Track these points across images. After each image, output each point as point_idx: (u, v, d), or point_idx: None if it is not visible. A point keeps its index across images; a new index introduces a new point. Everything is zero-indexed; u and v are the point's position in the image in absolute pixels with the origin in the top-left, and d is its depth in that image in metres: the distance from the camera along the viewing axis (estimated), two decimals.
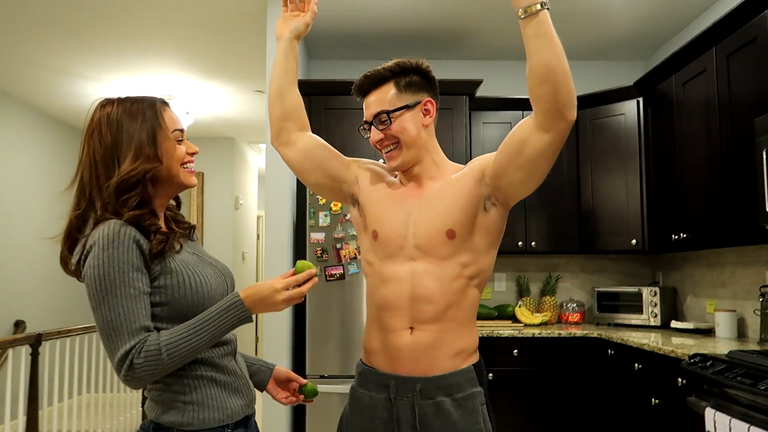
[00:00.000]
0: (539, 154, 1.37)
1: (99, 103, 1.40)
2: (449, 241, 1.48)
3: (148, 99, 1.40)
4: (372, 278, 1.58)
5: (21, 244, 5.43)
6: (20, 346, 3.66)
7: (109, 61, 4.52)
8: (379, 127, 1.55)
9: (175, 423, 1.28)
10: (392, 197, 1.59)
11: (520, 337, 3.59)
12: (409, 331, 1.50)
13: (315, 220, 3.45)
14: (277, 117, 1.66)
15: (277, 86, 1.66)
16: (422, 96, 1.56)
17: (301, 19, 1.66)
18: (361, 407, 1.55)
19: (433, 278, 1.49)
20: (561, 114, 1.31)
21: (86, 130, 1.36)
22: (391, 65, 1.56)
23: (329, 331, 3.40)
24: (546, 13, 1.28)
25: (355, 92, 1.62)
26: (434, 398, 1.46)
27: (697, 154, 3.14)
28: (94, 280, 1.22)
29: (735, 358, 2.26)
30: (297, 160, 1.66)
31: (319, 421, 3.33)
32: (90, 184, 1.33)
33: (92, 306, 1.24)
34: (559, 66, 1.27)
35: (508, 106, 3.98)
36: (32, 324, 5.41)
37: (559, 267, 4.38)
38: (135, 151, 1.31)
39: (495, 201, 1.50)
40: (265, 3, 3.61)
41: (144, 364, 1.19)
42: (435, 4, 3.66)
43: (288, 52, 1.66)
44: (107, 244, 1.22)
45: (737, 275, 3.33)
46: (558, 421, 3.56)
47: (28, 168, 5.59)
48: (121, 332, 1.21)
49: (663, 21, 3.90)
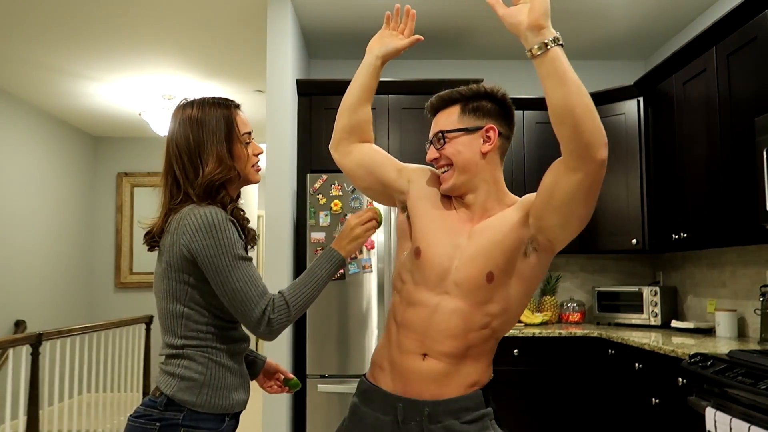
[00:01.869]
0: (570, 197, 1.30)
1: (179, 106, 1.54)
2: (487, 284, 1.43)
3: (224, 103, 1.54)
4: (400, 296, 1.54)
5: (21, 244, 5.43)
6: (21, 345, 3.66)
7: (109, 60, 4.52)
8: (436, 146, 1.53)
9: (188, 402, 1.38)
10: (444, 220, 1.53)
11: (520, 336, 3.59)
12: (422, 357, 1.47)
13: (315, 220, 3.45)
14: (341, 128, 1.67)
15: (351, 100, 1.66)
16: (486, 122, 1.50)
17: (396, 41, 1.65)
18: (365, 426, 1.51)
19: (461, 319, 1.44)
20: (587, 154, 1.23)
21: (171, 131, 1.52)
22: (464, 88, 1.54)
23: (329, 331, 3.40)
24: (557, 51, 1.21)
25: (428, 111, 1.60)
26: (442, 422, 1.43)
27: (698, 154, 3.14)
28: (217, 258, 1.37)
29: (735, 357, 2.26)
30: (350, 167, 1.67)
31: (319, 421, 3.33)
32: (183, 179, 1.48)
33: (219, 281, 1.38)
34: (577, 104, 1.20)
35: None
36: (33, 324, 5.41)
37: (559, 266, 4.38)
38: (216, 158, 1.47)
39: (537, 245, 1.43)
40: (265, 3, 3.61)
41: (278, 317, 1.40)
42: (435, 4, 3.66)
43: (370, 69, 1.65)
44: (218, 227, 1.38)
45: (738, 275, 3.33)
46: (558, 421, 3.56)
47: (28, 168, 5.59)
48: (251, 297, 1.38)
49: (663, 20, 3.90)
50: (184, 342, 1.42)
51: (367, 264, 3.42)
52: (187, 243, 1.38)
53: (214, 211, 1.40)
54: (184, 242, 1.39)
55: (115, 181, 6.83)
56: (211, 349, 1.42)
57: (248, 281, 1.39)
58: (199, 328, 1.42)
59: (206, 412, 1.40)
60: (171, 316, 1.43)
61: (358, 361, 3.37)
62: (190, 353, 1.41)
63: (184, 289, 1.41)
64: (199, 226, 1.38)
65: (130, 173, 6.80)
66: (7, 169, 5.27)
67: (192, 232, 1.38)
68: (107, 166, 6.84)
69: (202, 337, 1.42)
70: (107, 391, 4.73)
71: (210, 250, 1.37)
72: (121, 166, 6.84)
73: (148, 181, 6.76)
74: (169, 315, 1.43)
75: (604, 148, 1.23)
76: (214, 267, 1.37)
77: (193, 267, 1.40)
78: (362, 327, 3.39)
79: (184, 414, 1.38)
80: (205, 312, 1.42)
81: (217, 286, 1.38)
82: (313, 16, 3.82)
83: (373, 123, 1.73)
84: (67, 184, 6.25)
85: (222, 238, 1.38)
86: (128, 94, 5.30)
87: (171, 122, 1.53)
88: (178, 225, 1.41)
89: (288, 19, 3.59)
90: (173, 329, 1.43)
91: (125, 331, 4.99)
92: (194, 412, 1.38)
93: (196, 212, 1.40)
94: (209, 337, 1.43)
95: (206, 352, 1.42)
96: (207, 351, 1.42)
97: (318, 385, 3.34)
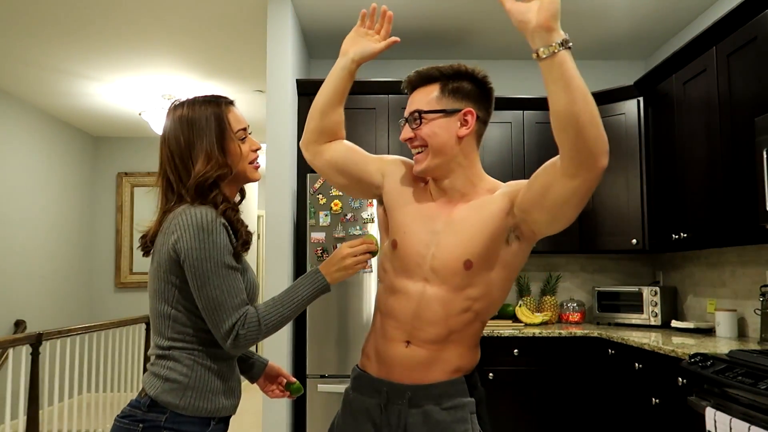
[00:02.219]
0: (564, 201, 1.28)
1: (171, 107, 1.51)
2: (465, 271, 1.43)
3: (215, 101, 1.50)
4: (383, 285, 1.56)
5: (21, 244, 5.43)
6: (21, 345, 3.66)
7: (109, 60, 4.52)
8: (412, 126, 1.49)
9: (171, 404, 1.36)
10: (420, 211, 1.52)
11: (520, 336, 3.59)
12: (405, 344, 1.48)
13: (315, 220, 3.45)
14: (312, 129, 1.62)
15: (323, 102, 1.60)
16: (465, 104, 1.47)
17: (372, 45, 1.57)
18: (353, 410, 1.54)
19: (441, 304, 1.45)
20: (587, 163, 1.19)
21: (163, 133, 1.49)
22: (444, 66, 1.49)
23: (329, 331, 3.40)
24: (565, 54, 1.15)
25: (405, 87, 1.56)
26: (422, 406, 1.44)
27: (698, 154, 3.14)
28: (199, 262, 1.34)
29: (735, 357, 2.26)
30: (323, 167, 1.63)
31: (319, 421, 3.33)
32: (176, 182, 1.45)
33: (197, 285, 1.35)
34: (582, 112, 1.15)
35: (509, 106, 3.98)
36: (32, 323, 5.41)
37: (559, 266, 4.38)
38: (206, 155, 1.44)
39: (519, 234, 1.42)
40: (265, 3, 3.61)
41: (247, 334, 1.36)
42: (435, 3, 3.66)
43: (344, 73, 1.58)
44: (206, 229, 1.35)
45: (737, 275, 3.33)
46: (558, 421, 3.56)
47: (28, 168, 5.59)
48: (225, 307, 1.35)
49: (663, 20, 3.90)
50: (170, 343, 1.40)
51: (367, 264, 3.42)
52: (173, 242, 1.36)
53: (205, 212, 1.37)
54: (171, 241, 1.36)
55: (115, 181, 6.83)
56: (197, 352, 1.40)
57: (226, 291, 1.35)
58: (185, 330, 1.40)
59: (189, 415, 1.37)
60: (159, 317, 1.41)
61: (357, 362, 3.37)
62: (175, 355, 1.39)
63: (172, 291, 1.39)
64: (188, 226, 1.35)
65: (130, 173, 6.80)
66: (7, 169, 5.27)
67: (180, 231, 1.35)
68: (107, 166, 6.84)
69: (188, 340, 1.40)
70: (107, 391, 4.73)
71: (194, 252, 1.34)
72: (121, 166, 6.84)
73: (148, 181, 6.75)
74: (158, 315, 1.41)
75: (606, 156, 1.20)
76: (194, 269, 1.34)
77: (178, 268, 1.37)
78: (362, 327, 3.39)
79: (167, 416, 1.35)
80: (191, 315, 1.40)
81: (195, 290, 1.35)
82: (313, 16, 3.82)
83: (372, 123, 1.72)
84: (67, 184, 6.25)
85: (208, 242, 1.34)
86: (128, 94, 5.30)
87: (164, 124, 1.51)
88: (170, 224, 1.39)
89: (288, 19, 3.59)
90: (161, 330, 1.41)
91: (125, 331, 4.99)
92: (177, 415, 1.36)
93: (187, 212, 1.37)
94: (195, 340, 1.40)
95: (192, 354, 1.40)
96: (193, 353, 1.40)
97: (318, 385, 3.34)
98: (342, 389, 3.32)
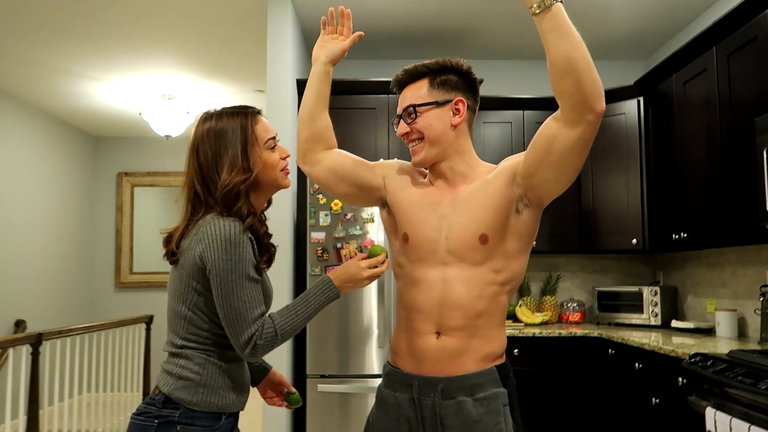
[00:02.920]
0: (569, 150, 1.34)
1: (201, 118, 1.55)
2: (482, 246, 1.46)
3: (242, 112, 1.53)
4: (402, 280, 1.58)
5: (21, 244, 5.43)
6: (21, 345, 3.66)
7: (109, 60, 4.52)
8: (407, 121, 1.56)
9: (184, 401, 1.41)
10: (424, 199, 1.57)
11: (520, 336, 3.59)
12: (436, 336, 1.50)
13: (315, 220, 3.45)
14: (304, 138, 1.68)
15: (307, 110, 1.68)
16: (455, 95, 1.55)
17: (339, 44, 1.69)
18: (387, 407, 1.56)
19: (464, 285, 1.47)
20: (588, 105, 1.28)
21: (191, 145, 1.53)
22: (430, 62, 1.57)
23: (329, 331, 3.40)
24: (559, 6, 1.26)
25: (394, 86, 1.64)
26: (455, 398, 1.46)
27: (698, 154, 3.14)
28: (225, 273, 1.39)
29: (735, 357, 2.26)
30: (323, 176, 1.67)
31: (319, 421, 3.33)
32: (203, 192, 1.49)
33: (221, 294, 1.40)
34: (580, 56, 1.25)
35: (509, 106, 3.98)
36: (33, 323, 5.41)
37: (559, 266, 4.38)
38: (230, 164, 1.47)
39: (528, 202, 1.47)
40: (265, 3, 3.61)
41: (265, 344, 1.42)
42: (436, 3, 3.66)
43: (321, 76, 1.67)
44: (233, 242, 1.40)
45: (738, 275, 3.33)
46: (558, 421, 3.56)
47: (29, 167, 5.59)
48: (246, 318, 1.40)
49: (663, 20, 3.90)
50: (184, 342, 1.45)
51: None
52: (201, 251, 1.41)
53: (232, 225, 1.41)
54: (198, 250, 1.41)
55: (115, 180, 6.83)
56: (209, 352, 1.45)
57: (248, 302, 1.41)
58: (199, 332, 1.45)
59: (202, 411, 1.42)
60: (176, 316, 1.46)
61: (358, 361, 3.38)
62: (188, 353, 1.44)
63: (191, 294, 1.44)
64: (215, 237, 1.40)
65: (131, 173, 6.80)
66: (7, 168, 5.27)
67: (208, 241, 1.40)
68: (107, 165, 6.84)
69: (201, 341, 1.45)
70: (107, 391, 4.73)
71: (220, 263, 1.39)
72: (121, 165, 6.84)
73: (149, 180, 6.76)
74: (174, 314, 1.47)
75: (603, 99, 1.29)
76: (220, 280, 1.39)
77: (202, 275, 1.42)
78: (362, 327, 3.39)
79: (181, 411, 1.41)
80: (206, 319, 1.45)
81: (218, 299, 1.40)
82: (313, 16, 3.82)
83: (372, 123, 1.73)
84: (68, 183, 6.25)
85: (235, 254, 1.39)
86: (128, 94, 5.30)
87: (192, 136, 1.54)
88: (198, 231, 1.43)
89: (288, 18, 3.59)
90: (176, 329, 1.47)
91: (125, 330, 4.99)
92: (190, 410, 1.41)
93: (216, 222, 1.42)
94: (209, 342, 1.46)
95: (204, 353, 1.45)
96: (205, 353, 1.45)
97: (318, 385, 3.34)
98: (342, 389, 3.34)
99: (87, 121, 6.23)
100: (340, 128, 3.71)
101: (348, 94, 3.76)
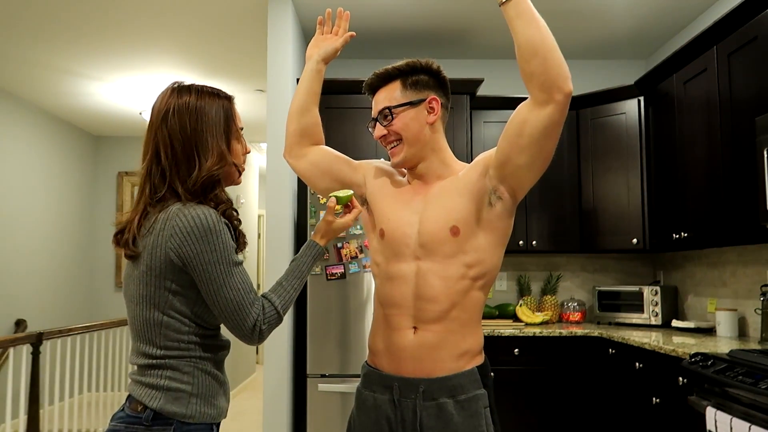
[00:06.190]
0: (540, 132, 1.36)
1: (173, 89, 1.41)
2: (453, 238, 1.48)
3: (224, 95, 1.46)
4: (379, 278, 1.60)
5: (22, 244, 5.43)
6: (21, 345, 3.66)
7: (109, 60, 4.52)
8: (383, 123, 1.58)
9: (177, 414, 1.30)
10: (400, 196, 1.61)
11: (521, 336, 3.59)
12: (413, 331, 1.51)
13: (316, 219, 3.45)
14: (292, 132, 1.73)
15: (297, 104, 1.73)
16: (428, 94, 1.57)
17: (332, 43, 1.73)
18: (367, 409, 1.56)
19: (437, 277, 1.49)
20: (556, 85, 1.30)
21: (160, 114, 1.38)
22: (400, 64, 1.59)
23: (330, 330, 3.40)
24: None
25: (366, 90, 1.66)
26: (437, 399, 1.46)
27: (698, 153, 3.14)
28: (211, 266, 1.29)
29: (736, 357, 2.26)
30: (306, 169, 1.72)
31: (319, 421, 3.33)
32: (170, 170, 1.35)
33: (211, 290, 1.30)
34: (545, 39, 1.30)
35: (509, 105, 3.97)
36: (33, 323, 5.41)
37: (559, 266, 4.38)
38: (218, 153, 1.38)
39: (500, 194, 1.47)
40: (265, 3, 3.61)
41: (269, 327, 1.37)
42: (436, 3, 3.66)
43: (313, 74, 1.72)
44: (213, 231, 1.29)
45: (738, 274, 3.33)
46: (559, 421, 3.56)
47: (29, 167, 5.59)
48: (243, 306, 1.32)
49: (664, 20, 3.90)
50: (165, 352, 1.32)
51: (367, 263, 3.42)
52: (176, 247, 1.27)
53: (207, 213, 1.29)
54: (172, 246, 1.28)
55: (115, 180, 6.83)
56: (195, 359, 1.34)
57: (242, 290, 1.32)
58: (180, 338, 1.32)
59: (197, 423, 1.32)
60: (147, 324, 1.32)
61: (358, 361, 3.37)
62: (173, 363, 1.32)
63: (164, 296, 1.31)
64: (192, 230, 1.27)
65: (131, 172, 6.80)
66: (8, 168, 5.27)
67: (183, 235, 1.27)
68: (108, 165, 6.84)
69: (183, 347, 1.33)
70: (107, 391, 4.73)
71: (204, 257, 1.28)
72: (121, 165, 6.84)
73: None
74: (145, 322, 1.32)
75: (569, 80, 1.32)
76: (207, 275, 1.29)
77: (178, 273, 1.30)
78: (362, 326, 3.39)
79: (174, 427, 1.30)
80: (185, 320, 1.33)
81: (209, 295, 1.30)
82: (313, 16, 3.82)
83: None
84: (68, 183, 6.25)
85: (218, 244, 1.29)
86: (129, 93, 5.30)
87: (160, 106, 1.39)
88: (165, 226, 1.29)
89: (288, 18, 3.59)
90: (150, 338, 1.33)
91: (125, 330, 4.99)
92: (184, 424, 1.30)
93: (187, 213, 1.29)
94: (191, 347, 1.34)
95: (191, 361, 1.34)
96: (192, 360, 1.34)
97: (318, 385, 3.34)
98: (342, 389, 3.34)
99: (87, 121, 6.23)
100: (340, 127, 3.74)
101: (348, 93, 3.76)
